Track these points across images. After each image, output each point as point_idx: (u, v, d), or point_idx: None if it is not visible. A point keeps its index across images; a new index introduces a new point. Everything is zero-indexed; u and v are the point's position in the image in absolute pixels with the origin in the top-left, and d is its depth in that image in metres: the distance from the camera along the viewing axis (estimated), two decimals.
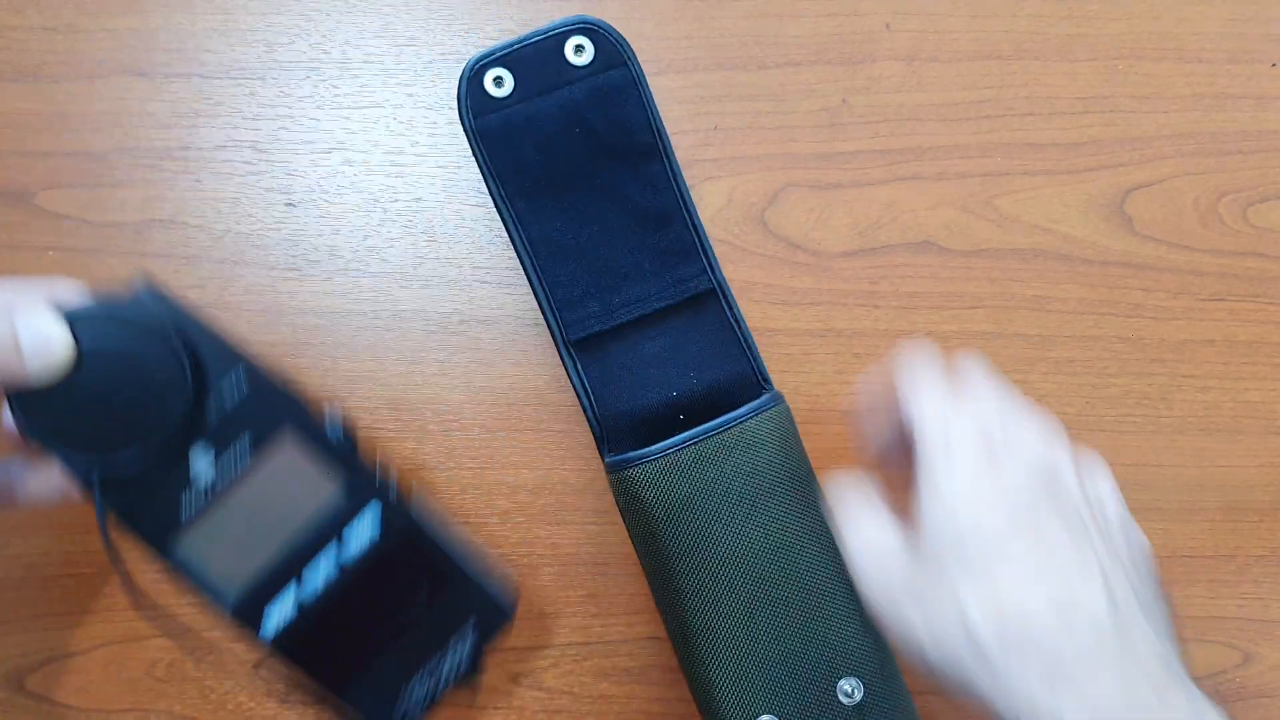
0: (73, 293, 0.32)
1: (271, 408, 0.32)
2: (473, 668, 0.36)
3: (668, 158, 0.38)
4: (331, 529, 0.33)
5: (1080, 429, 0.45)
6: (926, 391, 0.32)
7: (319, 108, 0.43)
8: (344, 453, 0.33)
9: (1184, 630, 0.45)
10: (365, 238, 0.43)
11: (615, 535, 0.43)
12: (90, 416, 0.31)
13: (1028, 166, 0.45)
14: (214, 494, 0.32)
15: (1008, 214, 0.45)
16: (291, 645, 0.33)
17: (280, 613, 0.33)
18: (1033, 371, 0.45)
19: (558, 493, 0.43)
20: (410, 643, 0.35)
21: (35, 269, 0.42)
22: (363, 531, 0.33)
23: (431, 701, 0.35)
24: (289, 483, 0.33)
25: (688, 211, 0.37)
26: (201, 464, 0.32)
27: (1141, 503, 0.45)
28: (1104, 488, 0.32)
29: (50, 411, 0.31)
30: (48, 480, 0.34)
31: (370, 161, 0.43)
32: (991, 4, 0.45)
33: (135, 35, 0.43)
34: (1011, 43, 0.45)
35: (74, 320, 0.30)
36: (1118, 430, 0.45)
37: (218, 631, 0.42)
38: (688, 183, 0.42)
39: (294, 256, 0.43)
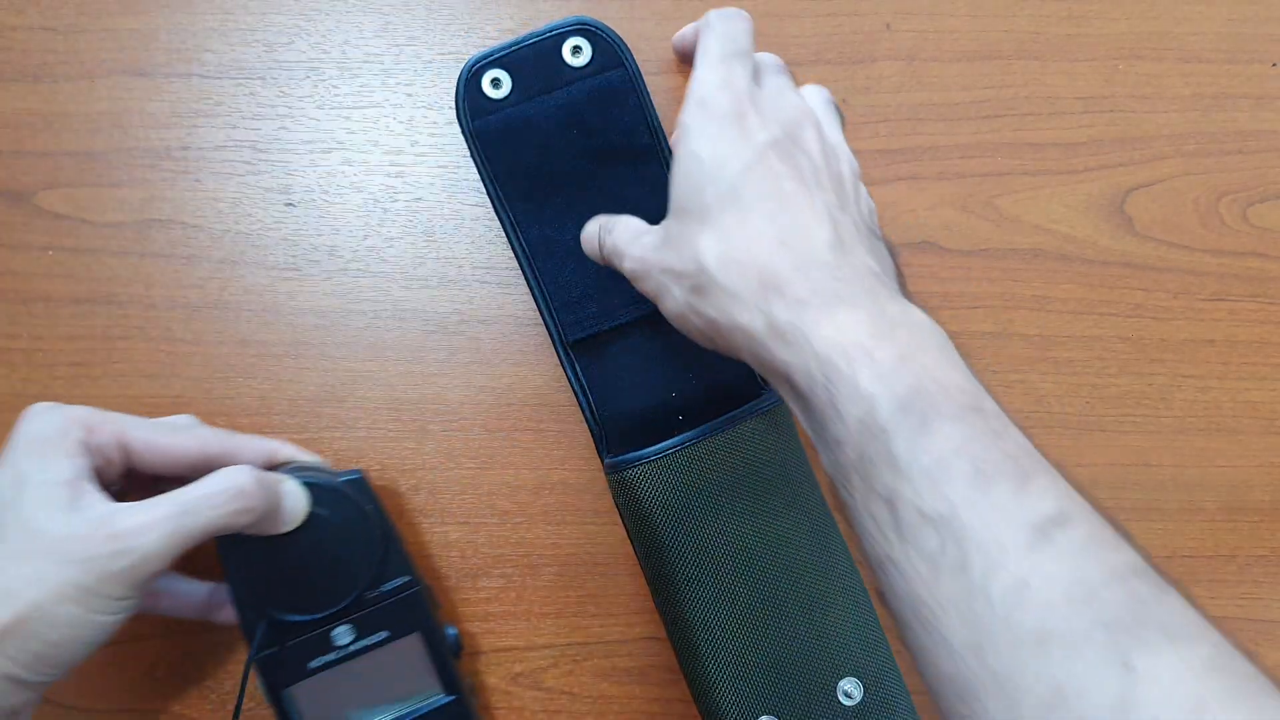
0: (298, 455, 0.38)
1: (417, 615, 0.38)
2: None
3: (666, 158, 0.38)
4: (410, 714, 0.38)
5: (1080, 429, 0.45)
6: (713, 50, 0.33)
7: (319, 107, 0.43)
8: (450, 664, 0.39)
9: None
10: (365, 238, 0.43)
11: (615, 535, 0.43)
12: (285, 567, 0.36)
13: (1028, 166, 0.45)
14: (339, 663, 0.37)
15: (1008, 214, 0.45)
16: None
17: None
18: (1033, 371, 0.45)
19: (558, 493, 0.43)
20: None
21: (34, 268, 0.42)
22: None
23: None
24: (404, 678, 0.38)
25: None
26: (343, 635, 0.38)
27: (1141, 502, 0.45)
28: (837, 140, 0.34)
29: (251, 551, 0.36)
30: (190, 597, 0.39)
31: (370, 161, 0.43)
32: (992, 4, 0.45)
33: (135, 35, 0.43)
34: (1012, 42, 0.45)
35: (307, 485, 0.36)
36: (1118, 430, 0.45)
37: (217, 633, 0.42)
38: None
39: (294, 256, 0.43)
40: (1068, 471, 0.44)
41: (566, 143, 0.37)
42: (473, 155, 0.38)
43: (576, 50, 0.37)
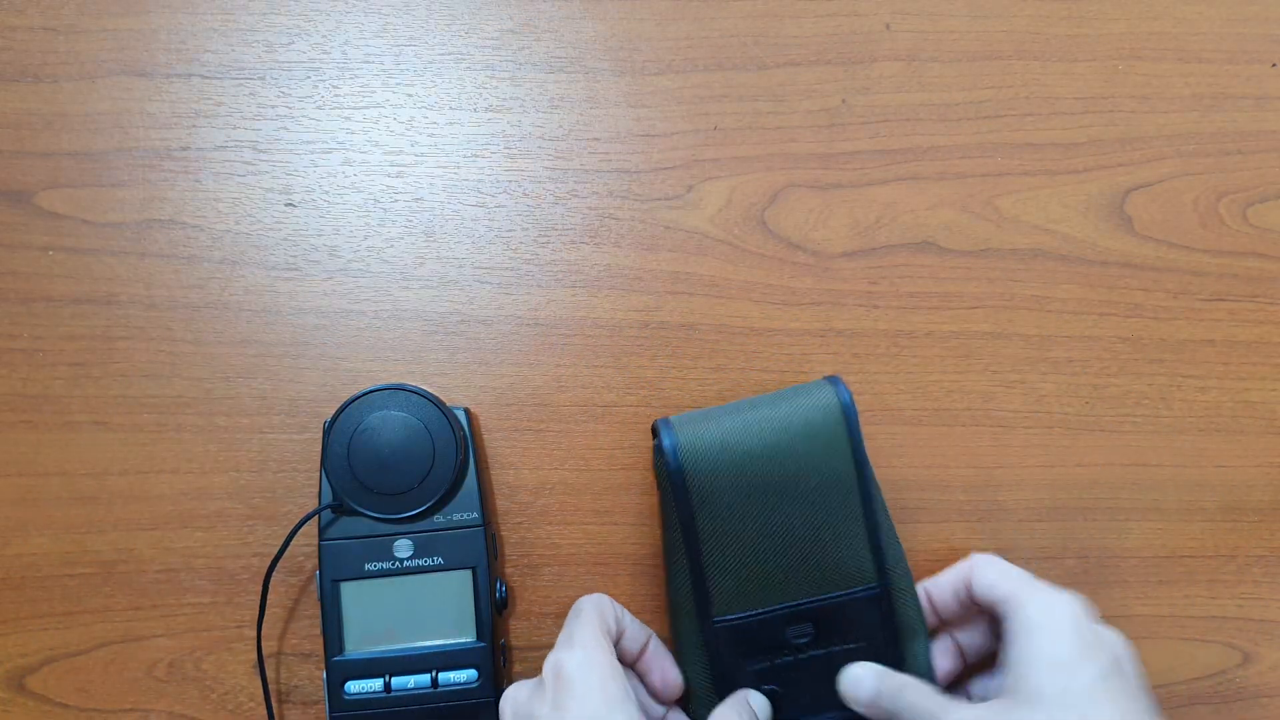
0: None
1: (473, 553, 0.40)
2: None
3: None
4: (442, 661, 0.39)
5: (1080, 429, 0.45)
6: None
7: (319, 108, 0.43)
8: (490, 617, 0.40)
9: (1183, 631, 0.45)
10: (365, 238, 0.43)
11: (615, 535, 0.43)
12: (372, 464, 0.39)
13: (1027, 167, 0.45)
14: (391, 574, 0.39)
15: (1007, 214, 0.45)
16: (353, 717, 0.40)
17: (359, 689, 0.39)
18: (1032, 371, 0.45)
19: (558, 493, 0.43)
20: None
21: (35, 268, 0.42)
22: (458, 678, 0.39)
23: None
24: (442, 609, 0.40)
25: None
26: (403, 548, 0.39)
27: (1141, 503, 0.45)
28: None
29: (347, 439, 0.39)
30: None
31: (370, 162, 0.43)
32: (991, 4, 0.45)
33: (135, 35, 0.43)
34: (1011, 43, 0.45)
35: (411, 393, 0.39)
36: (1118, 430, 0.45)
37: (217, 632, 0.42)
38: (688, 184, 0.42)
39: (294, 257, 0.43)
40: (1068, 471, 0.44)
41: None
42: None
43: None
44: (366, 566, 0.39)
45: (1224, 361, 0.45)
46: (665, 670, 0.39)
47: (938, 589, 0.40)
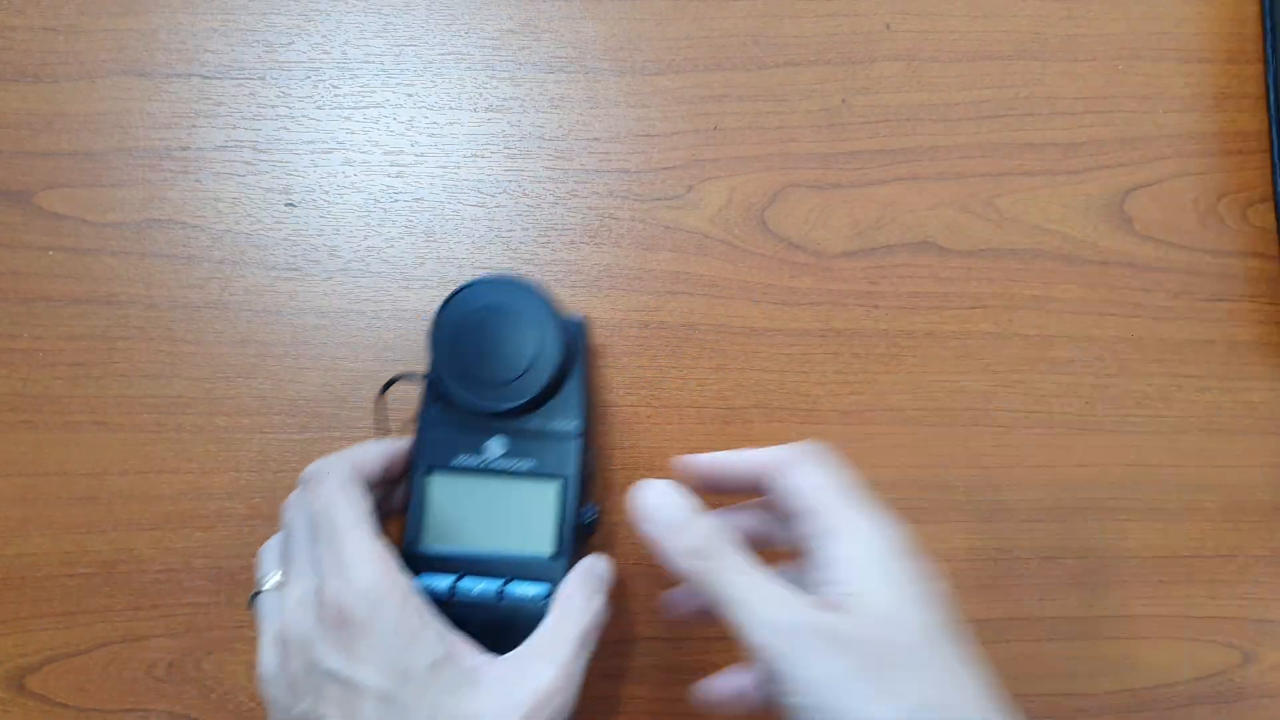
0: None
1: (566, 463, 0.38)
2: None
3: None
4: (515, 570, 0.37)
5: (1080, 429, 0.45)
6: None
7: (319, 108, 0.43)
8: (573, 535, 0.38)
9: (1184, 631, 0.45)
10: (365, 238, 0.43)
11: (615, 535, 0.43)
12: (479, 351, 0.38)
13: (1028, 166, 0.45)
14: (478, 472, 0.38)
15: (1008, 214, 0.45)
16: None
17: (427, 585, 0.36)
18: (1033, 371, 0.45)
19: None
20: None
21: (35, 268, 0.42)
22: (525, 591, 0.37)
23: None
24: (524, 517, 0.38)
25: None
26: (495, 447, 0.38)
27: (1141, 503, 0.45)
28: None
29: (456, 320, 0.38)
30: None
31: (370, 162, 0.43)
32: (991, 4, 0.45)
33: (135, 35, 0.43)
34: (1011, 43, 0.45)
35: (528, 290, 0.38)
36: (1118, 430, 0.45)
37: (218, 632, 0.42)
38: (688, 184, 0.42)
39: (294, 257, 0.43)
40: (1068, 471, 0.44)
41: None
42: None
43: None
44: (456, 460, 0.38)
45: (1224, 362, 0.45)
46: None
47: (728, 467, 0.36)
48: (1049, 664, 0.44)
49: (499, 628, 0.36)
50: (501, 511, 0.38)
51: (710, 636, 0.43)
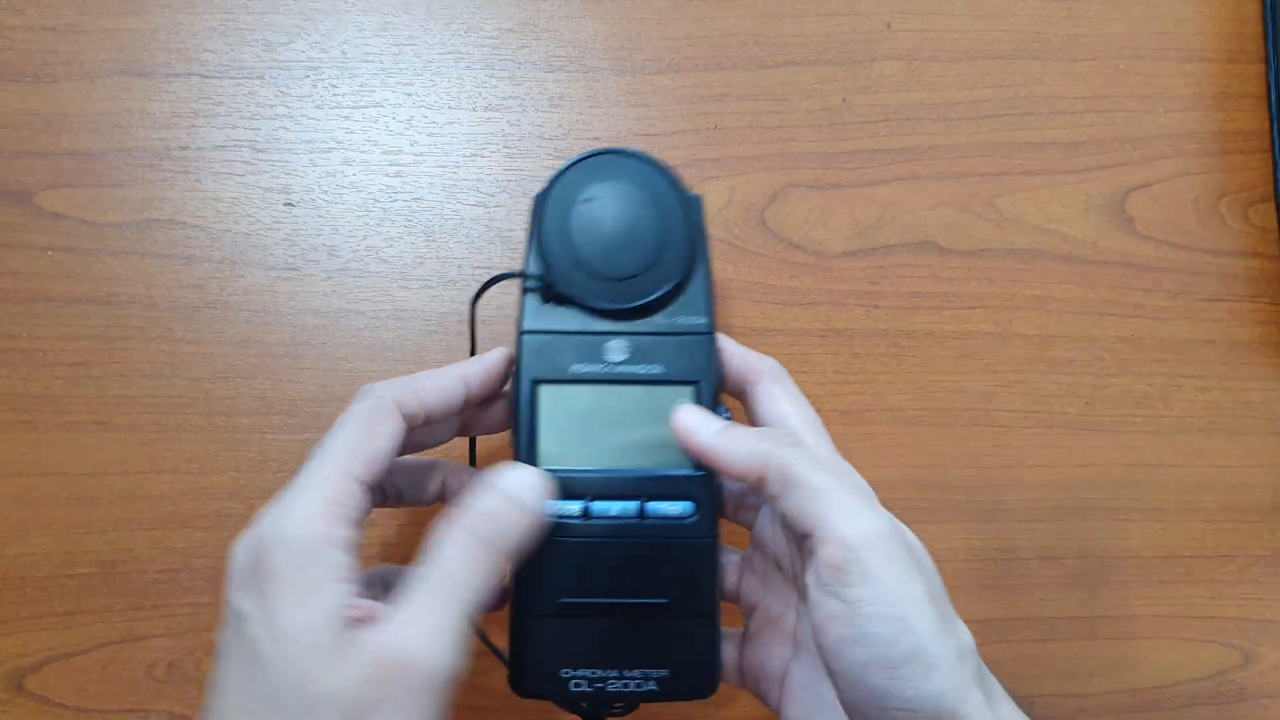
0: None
1: (699, 365, 0.33)
2: (614, 709, 0.34)
3: None
4: (653, 489, 0.33)
5: (1080, 429, 0.45)
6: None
7: (318, 107, 0.43)
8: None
9: (1184, 631, 0.45)
10: (364, 238, 0.43)
11: None
12: (589, 240, 0.33)
13: (1028, 166, 0.45)
14: (599, 381, 0.33)
15: (1008, 214, 0.45)
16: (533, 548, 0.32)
17: (553, 511, 0.32)
18: (1033, 371, 0.45)
19: None
20: (613, 638, 0.33)
21: (34, 268, 0.42)
22: (670, 510, 0.33)
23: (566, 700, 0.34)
24: (657, 428, 0.33)
25: None
26: (615, 350, 0.33)
27: (1141, 503, 0.45)
28: None
29: (562, 210, 0.34)
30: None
31: (369, 161, 0.43)
32: (992, 4, 0.45)
33: (135, 35, 0.43)
34: (1012, 42, 0.45)
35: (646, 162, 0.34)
36: (1118, 430, 0.45)
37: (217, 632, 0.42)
38: (689, 183, 0.42)
39: (293, 256, 0.43)
40: (1068, 471, 0.44)
41: None
42: None
43: None
44: (573, 368, 0.33)
45: (1224, 361, 0.45)
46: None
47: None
48: (1049, 664, 0.44)
49: (645, 552, 0.33)
50: (631, 423, 0.33)
51: None
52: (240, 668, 0.26)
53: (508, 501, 0.30)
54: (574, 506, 0.32)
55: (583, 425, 0.33)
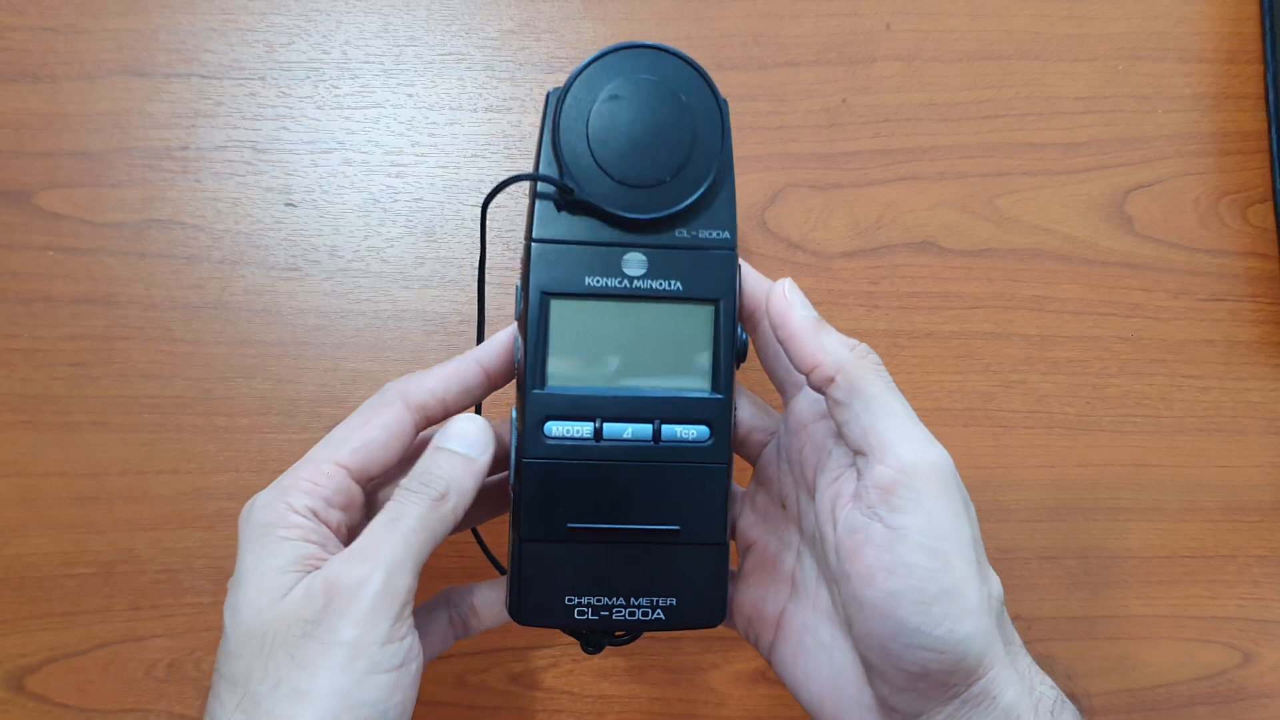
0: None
1: (721, 282, 0.31)
2: (616, 638, 0.34)
3: None
4: (667, 411, 0.31)
5: (1080, 429, 0.45)
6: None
7: (319, 108, 0.43)
8: (730, 360, 0.32)
9: (1184, 631, 0.45)
10: (365, 238, 0.43)
11: None
12: (611, 136, 0.31)
13: (1028, 167, 0.45)
14: (614, 295, 0.31)
15: (1008, 214, 0.45)
16: (540, 470, 0.31)
17: (563, 431, 0.31)
18: (1033, 371, 0.45)
19: None
20: (621, 564, 0.32)
21: (34, 269, 0.42)
22: (686, 433, 0.31)
23: (573, 628, 0.33)
24: (674, 347, 0.32)
25: None
26: (633, 264, 0.31)
27: (1142, 503, 0.45)
28: None
29: (579, 109, 0.31)
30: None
31: (370, 161, 0.43)
32: (992, 4, 0.45)
33: (135, 35, 0.43)
34: (1012, 43, 0.45)
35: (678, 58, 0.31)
36: (1118, 430, 0.45)
37: (217, 633, 0.42)
38: None
39: (294, 256, 0.43)
40: (1068, 472, 0.44)
41: None
42: None
43: None
44: (588, 281, 0.31)
45: (1224, 361, 0.45)
46: None
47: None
48: (1049, 664, 0.44)
49: (658, 476, 0.31)
50: (646, 342, 0.31)
51: (710, 636, 0.43)
52: (226, 630, 0.28)
53: (449, 456, 0.30)
54: (585, 428, 0.31)
55: (596, 342, 0.31)
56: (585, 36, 0.44)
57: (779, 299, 0.31)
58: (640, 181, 0.31)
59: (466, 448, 0.30)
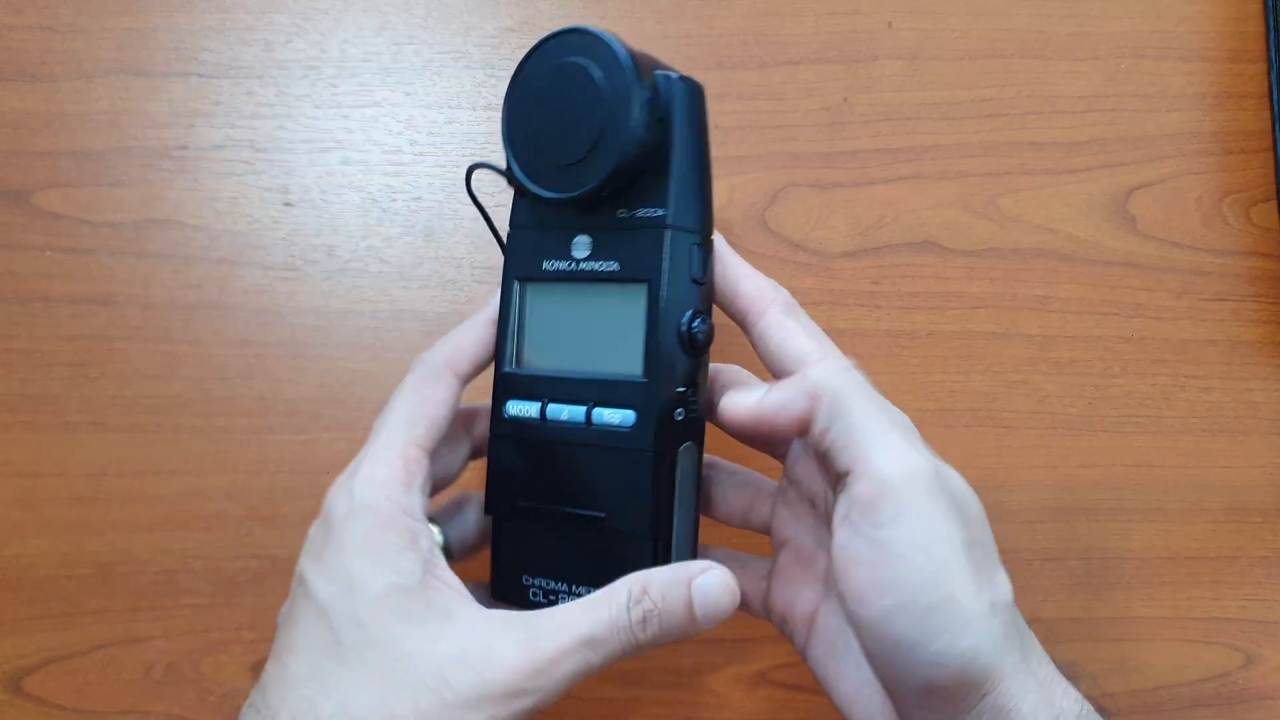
0: None
1: (653, 261, 0.30)
2: None
3: None
4: (603, 393, 0.31)
5: (1083, 429, 0.44)
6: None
7: (317, 107, 0.43)
8: (672, 352, 0.31)
9: (1186, 633, 0.44)
10: (364, 237, 0.43)
11: None
12: (541, 122, 0.31)
13: (1030, 166, 0.45)
14: (564, 278, 0.32)
15: (1010, 214, 0.45)
16: (498, 446, 0.33)
17: (517, 410, 0.32)
18: (1035, 372, 0.44)
19: None
20: (563, 549, 0.32)
21: (32, 268, 0.42)
22: (611, 418, 0.31)
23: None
24: (611, 329, 0.31)
25: None
26: (580, 246, 0.32)
27: (1144, 504, 0.44)
28: None
29: (525, 103, 0.32)
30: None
31: (369, 161, 0.43)
32: (994, 2, 0.45)
33: (133, 35, 0.43)
34: (1014, 41, 0.45)
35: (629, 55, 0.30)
36: (1120, 431, 0.45)
37: (215, 634, 0.42)
38: None
39: (292, 256, 0.43)
40: (1070, 472, 0.44)
41: None
42: None
43: None
44: (545, 265, 0.32)
45: (1226, 361, 0.45)
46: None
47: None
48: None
49: (588, 460, 0.31)
50: (588, 323, 0.32)
51: (711, 639, 0.43)
52: (311, 629, 0.28)
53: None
54: (533, 408, 0.32)
55: (549, 325, 0.32)
56: None
57: (725, 423, 0.31)
58: (560, 162, 0.31)
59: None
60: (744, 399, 0.30)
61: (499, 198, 0.33)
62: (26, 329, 0.42)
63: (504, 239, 0.34)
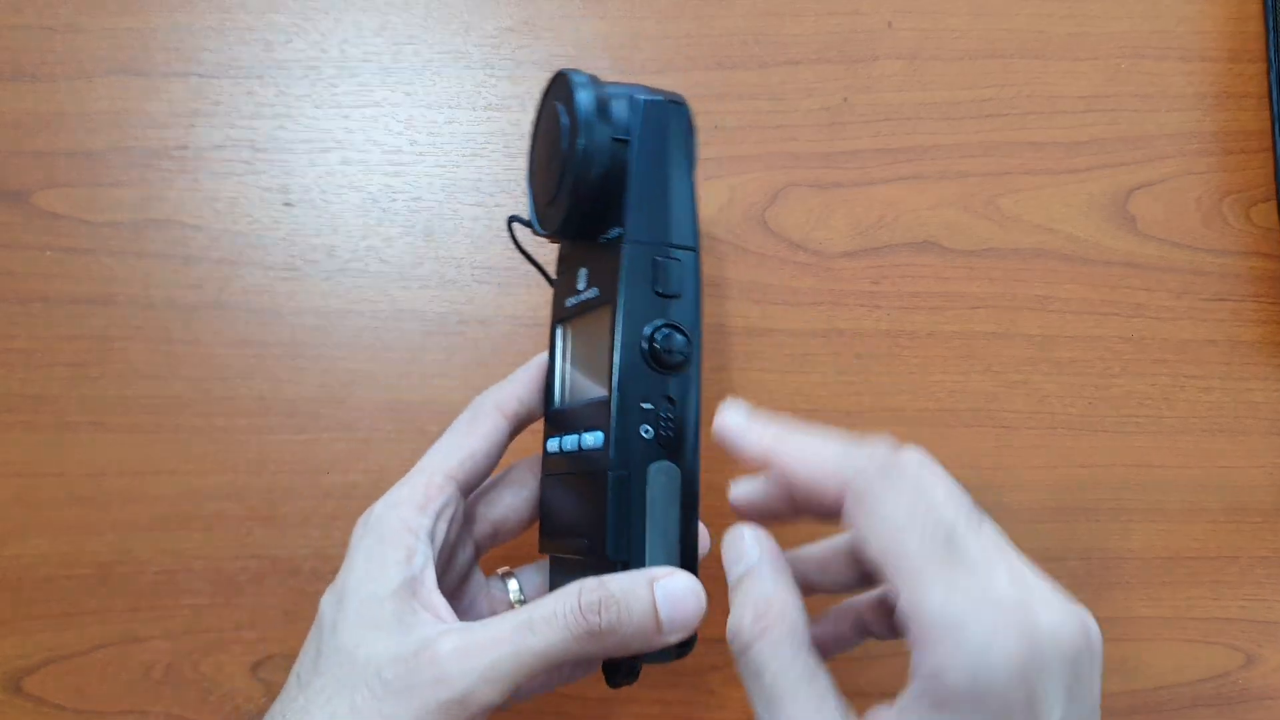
0: None
1: (613, 281, 0.30)
2: (621, 676, 0.32)
3: None
4: (588, 419, 0.30)
5: (1083, 430, 0.44)
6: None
7: (317, 107, 0.43)
8: (634, 371, 0.29)
9: (1186, 633, 0.44)
10: (364, 238, 0.43)
11: None
12: (535, 157, 0.34)
13: (1030, 166, 0.45)
14: (572, 314, 0.33)
15: (1010, 214, 0.45)
16: (543, 485, 0.35)
17: (551, 447, 0.33)
18: (1035, 372, 0.44)
19: None
20: (573, 580, 0.30)
21: (32, 268, 0.42)
22: (587, 441, 0.30)
23: None
24: (595, 354, 0.31)
25: None
26: (581, 279, 0.32)
27: (1144, 504, 0.44)
28: None
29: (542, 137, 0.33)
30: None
31: (369, 161, 0.43)
32: (994, 2, 0.45)
33: (133, 34, 0.43)
34: (1014, 41, 0.45)
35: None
36: (1120, 431, 0.45)
37: (215, 634, 0.42)
38: None
39: (292, 256, 0.43)
40: (1070, 472, 0.44)
41: None
42: None
43: None
44: (567, 303, 0.33)
45: (1226, 361, 0.45)
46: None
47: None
48: None
49: (574, 488, 0.31)
50: (587, 353, 0.32)
51: (712, 639, 0.43)
52: (309, 641, 0.29)
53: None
54: (553, 443, 0.33)
55: (568, 359, 0.34)
56: (585, 35, 0.44)
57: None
58: (546, 199, 0.32)
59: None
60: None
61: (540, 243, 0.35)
62: (26, 329, 0.42)
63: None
